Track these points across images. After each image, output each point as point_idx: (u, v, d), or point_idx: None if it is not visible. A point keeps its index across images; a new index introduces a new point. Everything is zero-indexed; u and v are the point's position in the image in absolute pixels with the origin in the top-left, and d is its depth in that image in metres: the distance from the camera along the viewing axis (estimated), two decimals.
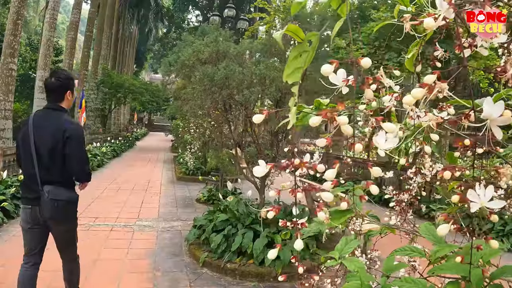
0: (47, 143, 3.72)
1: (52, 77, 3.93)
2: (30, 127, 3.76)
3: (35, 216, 3.76)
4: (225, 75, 5.91)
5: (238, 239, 6.10)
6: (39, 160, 3.70)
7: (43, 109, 4.00)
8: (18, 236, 6.93)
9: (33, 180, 3.69)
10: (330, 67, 1.09)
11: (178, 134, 17.32)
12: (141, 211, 9.47)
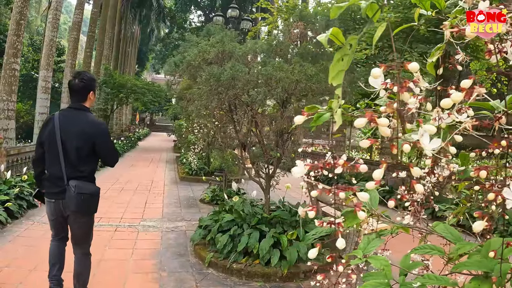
0: (74, 141, 3.99)
1: (76, 79, 4.17)
2: (56, 126, 4.01)
3: (58, 209, 4.09)
4: (231, 76, 5.87)
5: (244, 239, 6.05)
6: (65, 157, 3.98)
7: (68, 109, 4.26)
8: (22, 236, 6.97)
9: (58, 176, 3.97)
10: (378, 70, 1.09)
11: (181, 134, 17.29)
12: (145, 212, 9.45)
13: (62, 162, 3.97)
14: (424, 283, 1.50)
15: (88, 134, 4.03)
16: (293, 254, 5.77)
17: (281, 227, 6.41)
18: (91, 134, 4.04)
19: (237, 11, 15.63)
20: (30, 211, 8.75)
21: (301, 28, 6.76)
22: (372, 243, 1.77)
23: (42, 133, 4.19)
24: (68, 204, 3.95)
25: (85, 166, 4.09)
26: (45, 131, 4.12)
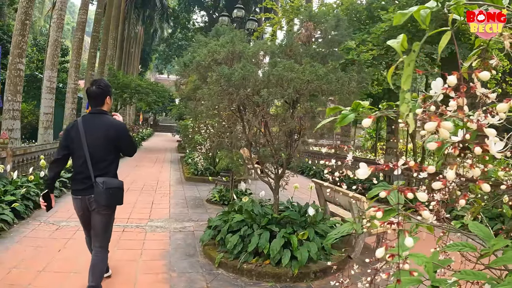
0: (98, 142, 4.43)
1: (94, 86, 4.61)
2: (80, 130, 4.42)
3: (84, 205, 4.48)
4: (242, 76, 5.83)
5: (255, 240, 6.02)
6: (91, 157, 4.38)
7: (89, 114, 4.65)
8: (29, 237, 6.92)
9: (85, 174, 4.38)
10: (453, 78, 1.22)
11: (187, 135, 17.23)
12: (152, 212, 9.40)
13: (88, 162, 4.36)
14: (462, 279, 1.56)
15: (110, 135, 4.49)
16: (304, 254, 5.76)
17: (291, 227, 6.38)
18: (113, 135, 4.50)
19: (243, 11, 15.55)
20: (36, 211, 8.69)
21: (311, 29, 6.71)
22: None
23: (66, 136, 4.54)
24: (98, 199, 4.33)
25: (109, 164, 4.55)
26: (70, 135, 4.49)
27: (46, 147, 13.21)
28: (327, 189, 7.87)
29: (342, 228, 2.39)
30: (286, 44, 6.77)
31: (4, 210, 7.43)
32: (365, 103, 2.09)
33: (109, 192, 4.34)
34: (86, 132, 4.42)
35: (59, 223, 7.91)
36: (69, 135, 4.50)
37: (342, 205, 7.54)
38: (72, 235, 7.22)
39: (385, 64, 12.15)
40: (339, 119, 2.02)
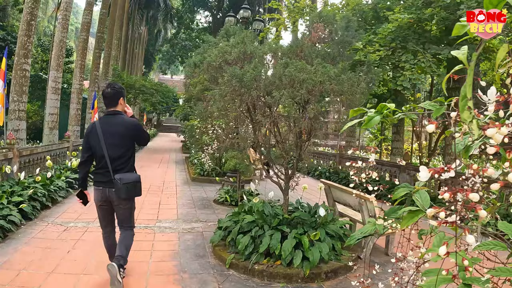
0: (116, 140, 4.91)
1: (108, 88, 5.06)
2: (98, 131, 4.89)
3: (105, 195, 4.92)
4: (254, 77, 5.79)
5: (266, 241, 5.96)
6: (109, 155, 4.85)
7: (105, 116, 5.10)
8: (37, 238, 6.87)
9: (105, 170, 4.85)
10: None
11: (193, 135, 17.15)
12: (160, 212, 9.34)
13: (107, 159, 4.83)
14: (496, 276, 1.56)
15: (127, 133, 4.98)
16: (316, 255, 5.71)
17: (301, 228, 6.32)
18: (129, 133, 5.01)
19: (249, 11, 15.45)
20: (43, 212, 8.66)
21: (321, 29, 6.66)
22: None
23: (87, 139, 5.01)
24: (118, 193, 4.78)
25: (125, 160, 4.99)
26: (90, 137, 4.98)
27: (52, 147, 13.18)
28: (336, 189, 7.84)
29: (365, 229, 2.39)
30: (296, 45, 6.70)
31: (12, 211, 7.37)
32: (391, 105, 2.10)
33: (126, 187, 4.76)
34: (104, 133, 4.89)
35: (67, 224, 7.85)
36: (89, 138, 4.99)
37: (351, 206, 7.47)
38: (80, 236, 7.16)
39: (391, 65, 12.08)
40: (365, 120, 2.11)
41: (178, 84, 57.89)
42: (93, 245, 6.69)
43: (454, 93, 13.42)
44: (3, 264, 5.60)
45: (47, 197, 9.14)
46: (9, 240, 6.71)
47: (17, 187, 8.58)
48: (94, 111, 20.40)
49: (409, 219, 2.02)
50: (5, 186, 8.48)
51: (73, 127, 20.10)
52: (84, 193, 5.18)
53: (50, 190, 9.51)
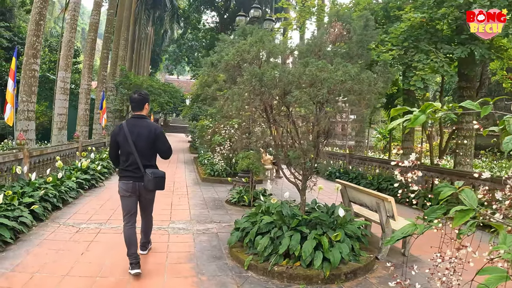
0: (144, 140, 5.51)
1: (136, 94, 5.71)
2: (126, 132, 5.48)
3: (134, 188, 5.53)
4: (274, 76, 5.69)
5: (286, 241, 5.82)
6: (138, 153, 5.47)
7: (132, 118, 5.68)
8: (49, 239, 6.74)
9: (134, 166, 5.49)
10: None
11: (203, 135, 17.01)
12: (172, 213, 9.20)
13: (137, 157, 5.46)
14: None
15: (151, 136, 5.54)
16: (336, 256, 5.62)
17: (321, 228, 6.19)
18: (153, 136, 5.56)
19: (260, 11, 15.24)
20: (54, 213, 8.54)
21: (339, 28, 6.53)
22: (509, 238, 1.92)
23: (115, 138, 5.60)
24: (147, 185, 5.46)
25: (152, 158, 5.72)
26: (118, 136, 5.56)
27: (61, 148, 13.06)
28: (351, 189, 7.75)
29: (406, 229, 2.37)
30: (314, 44, 6.56)
31: (23, 212, 7.24)
32: (437, 104, 2.01)
33: (155, 180, 5.46)
34: (131, 133, 5.48)
35: (79, 225, 7.71)
36: (117, 137, 5.58)
37: (368, 206, 7.33)
38: (94, 237, 7.02)
39: (403, 64, 11.90)
40: (412, 119, 2.15)
41: (184, 84, 58.01)
42: (107, 246, 6.55)
43: (465, 93, 13.24)
44: (16, 267, 5.46)
45: (58, 198, 9.02)
46: (20, 242, 6.58)
47: (27, 188, 8.46)
48: (102, 111, 20.31)
49: (460, 218, 2.09)
50: (16, 187, 8.36)
51: (82, 127, 20.04)
52: None
53: (61, 191, 9.39)
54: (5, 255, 5.91)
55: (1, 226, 6.35)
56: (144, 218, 6.11)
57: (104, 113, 20.82)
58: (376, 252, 6.59)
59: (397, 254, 6.93)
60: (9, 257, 5.85)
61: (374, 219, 7.25)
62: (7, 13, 35.95)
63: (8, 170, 8.87)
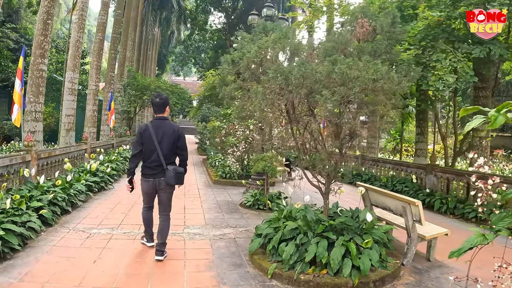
0: (167, 140, 6.01)
1: (157, 98, 6.21)
2: (151, 132, 5.98)
3: (154, 185, 6.05)
4: (302, 74, 5.37)
5: (312, 249, 5.50)
6: (162, 151, 5.96)
7: (156, 120, 6.18)
8: (59, 246, 6.40)
9: (157, 163, 5.97)
10: None
11: (215, 136, 16.67)
12: (186, 217, 8.85)
13: (160, 155, 5.95)
14: None
15: (174, 135, 6.06)
16: (366, 263, 5.36)
17: (347, 234, 5.87)
18: (176, 136, 6.09)
19: (273, 10, 14.86)
20: (63, 217, 8.20)
21: (366, 25, 6.21)
22: None
23: (141, 136, 6.07)
24: (168, 180, 5.95)
25: (174, 156, 6.17)
26: (144, 135, 6.04)
27: (70, 149, 12.72)
28: (374, 192, 7.44)
29: (473, 240, 2.24)
30: (340, 41, 6.23)
31: (31, 217, 6.87)
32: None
33: (177, 175, 5.96)
34: (156, 133, 5.99)
35: (89, 231, 7.36)
36: (142, 135, 6.06)
37: (392, 210, 7.00)
38: (105, 244, 6.66)
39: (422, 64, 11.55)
40: (491, 120, 1.98)
41: (190, 86, 57.71)
42: (121, 254, 6.20)
43: (481, 93, 12.89)
44: (25, 277, 5.11)
45: (67, 202, 8.69)
46: (29, 248, 6.23)
47: (35, 191, 8.11)
48: (110, 112, 20.01)
49: None
50: (24, 190, 8.03)
51: (89, 128, 19.75)
52: (133, 181, 6.20)
53: (70, 194, 9.05)
54: (13, 263, 5.57)
55: (9, 233, 5.98)
56: (162, 215, 6.25)
57: (112, 114, 20.51)
58: (401, 258, 6.30)
59: (421, 259, 6.68)
60: (17, 265, 5.50)
61: (398, 223, 6.97)
62: (13, 14, 35.87)
63: (16, 172, 8.53)
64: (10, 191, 7.67)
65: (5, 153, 20.27)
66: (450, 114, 19.18)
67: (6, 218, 6.32)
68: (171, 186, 6.10)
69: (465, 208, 10.27)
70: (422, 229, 6.49)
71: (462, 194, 11.20)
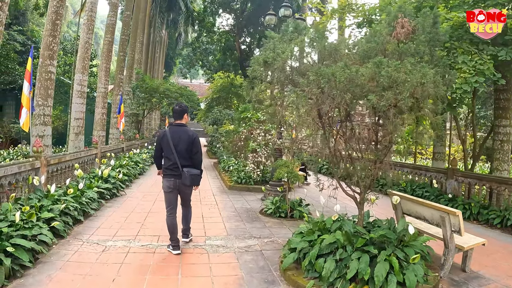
0: (183, 144, 6.46)
1: (177, 106, 6.78)
2: (169, 137, 6.48)
3: (175, 184, 6.51)
4: (346, 77, 4.93)
5: (354, 265, 5.03)
6: (178, 155, 6.43)
7: (174, 125, 6.69)
8: (73, 261, 5.89)
9: (175, 166, 6.44)
10: None
11: (231, 141, 16.17)
12: (206, 227, 8.33)
13: (176, 158, 6.43)
14: None
15: (189, 141, 6.52)
16: (412, 279, 4.97)
17: (389, 247, 5.40)
18: (191, 141, 6.54)
19: (290, 10, 14.31)
20: (75, 228, 7.71)
21: (407, 25, 5.72)
22: None
23: (160, 140, 6.64)
24: (184, 181, 6.43)
25: (189, 159, 6.56)
26: (163, 140, 6.59)
27: (80, 154, 12.23)
28: (407, 201, 6.95)
29: None
30: (378, 42, 5.73)
31: (42, 229, 6.37)
32: None
33: (191, 177, 6.43)
34: (173, 138, 6.50)
35: (104, 243, 6.85)
36: (161, 141, 6.62)
37: (427, 219, 6.54)
38: (123, 258, 6.13)
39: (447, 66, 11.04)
40: None
41: (197, 88, 57.36)
42: (142, 270, 5.68)
43: (502, 95, 12.40)
44: None
45: (79, 211, 8.18)
46: (41, 264, 5.71)
47: (46, 200, 7.62)
48: (120, 115, 19.56)
49: None
50: (33, 199, 7.55)
51: (99, 132, 19.23)
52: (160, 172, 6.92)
53: (82, 202, 8.55)
54: (24, 282, 5.06)
55: (19, 248, 5.47)
56: (184, 208, 7.02)
57: (122, 117, 20.05)
58: (438, 270, 5.93)
59: (457, 270, 6.31)
60: (29, 284, 5.01)
61: (432, 232, 6.56)
62: (20, 17, 35.65)
63: (24, 180, 8.03)
64: (18, 201, 7.22)
65: (13, 156, 19.89)
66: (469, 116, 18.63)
67: (15, 231, 5.81)
68: (190, 186, 6.63)
69: (490, 213, 9.91)
70: (460, 239, 6.11)
71: (485, 199, 10.83)
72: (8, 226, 5.84)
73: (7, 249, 5.27)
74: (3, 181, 7.27)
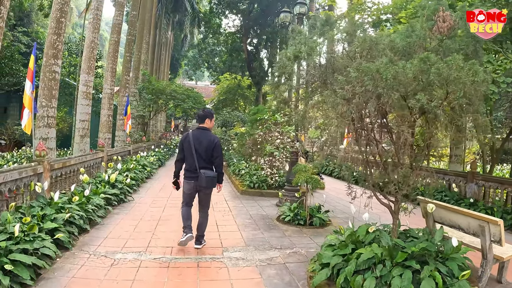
0: (204, 148, 6.74)
1: (201, 111, 7.21)
2: (191, 140, 6.82)
3: (193, 186, 6.80)
4: (393, 74, 4.45)
5: (396, 282, 4.50)
6: (197, 157, 6.70)
7: (197, 129, 6.99)
8: (79, 278, 5.31)
9: (194, 168, 6.71)
10: None
11: (243, 144, 15.61)
12: (222, 236, 7.76)
13: (195, 160, 6.69)
14: None
15: (210, 145, 6.75)
16: None
17: (431, 262, 4.89)
18: (212, 145, 6.76)
19: (306, 7, 13.86)
20: (81, 237, 7.15)
21: (449, 19, 5.21)
22: None
23: (182, 144, 6.96)
24: (201, 183, 6.63)
25: (208, 162, 6.78)
26: (184, 143, 6.91)
27: (86, 158, 11.64)
28: (440, 209, 6.46)
29: None
30: (422, 36, 5.31)
31: (45, 241, 5.80)
32: None
33: (208, 179, 6.60)
34: (194, 141, 6.78)
35: (113, 256, 6.27)
36: (183, 144, 6.91)
37: (463, 228, 6.03)
38: (135, 274, 5.53)
39: None
40: None
41: (203, 90, 57.02)
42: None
43: None
44: None
45: (85, 219, 7.60)
46: (43, 281, 5.13)
47: (49, 208, 7.04)
48: (127, 117, 19.05)
49: None
50: (35, 207, 6.98)
51: (104, 134, 18.70)
52: (178, 181, 7.03)
53: (88, 210, 7.98)
54: None
55: (18, 265, 4.89)
56: (201, 212, 7.02)
57: (129, 119, 19.54)
58: (475, 281, 5.48)
59: (492, 281, 5.87)
60: None
61: (466, 242, 6.09)
62: (24, 18, 35.41)
63: (26, 186, 7.46)
64: (19, 209, 6.66)
65: (16, 159, 19.38)
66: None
67: (15, 245, 5.23)
68: (206, 188, 6.75)
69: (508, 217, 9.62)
70: (498, 249, 5.70)
71: (508, 204, 10.43)
72: (7, 239, 5.28)
73: (5, 266, 4.69)
74: (3, 188, 6.68)
